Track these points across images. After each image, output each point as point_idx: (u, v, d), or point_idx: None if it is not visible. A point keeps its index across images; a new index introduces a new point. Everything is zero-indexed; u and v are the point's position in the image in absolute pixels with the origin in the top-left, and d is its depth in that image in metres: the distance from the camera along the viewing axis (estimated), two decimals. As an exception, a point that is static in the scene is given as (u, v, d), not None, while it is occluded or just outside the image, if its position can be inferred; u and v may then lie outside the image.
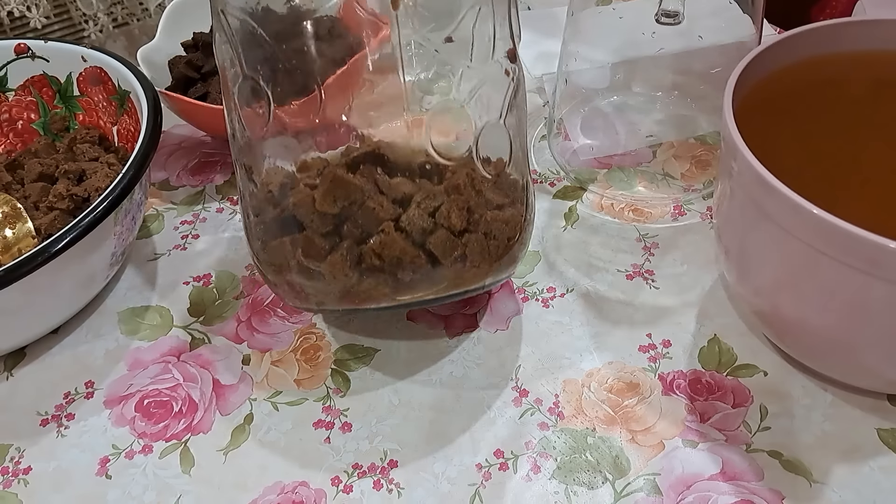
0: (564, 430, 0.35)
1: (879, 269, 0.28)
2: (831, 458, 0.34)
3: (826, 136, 0.35)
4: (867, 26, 0.36)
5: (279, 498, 0.33)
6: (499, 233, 0.34)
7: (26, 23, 1.05)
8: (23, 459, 0.36)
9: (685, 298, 0.41)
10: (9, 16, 1.02)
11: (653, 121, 0.51)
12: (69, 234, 0.36)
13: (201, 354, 0.40)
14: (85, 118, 0.49)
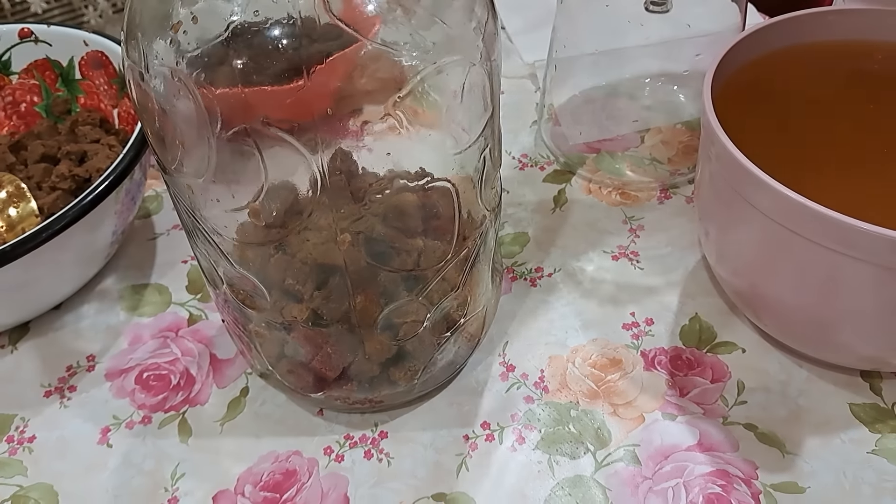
0: (549, 403, 0.37)
1: (850, 248, 0.29)
2: (804, 431, 0.35)
3: (804, 122, 0.36)
4: (844, 15, 0.37)
5: (273, 466, 0.35)
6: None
7: (27, 7, 1.06)
8: (27, 428, 0.37)
9: (668, 279, 0.42)
10: (9, 0, 1.03)
11: (641, 107, 0.52)
12: (71, 212, 0.37)
13: (199, 330, 0.41)
14: (86, 101, 0.50)
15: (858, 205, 0.30)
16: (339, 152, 0.26)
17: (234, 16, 0.24)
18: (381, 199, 0.28)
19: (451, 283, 0.32)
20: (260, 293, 0.30)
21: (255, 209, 0.28)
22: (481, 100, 0.29)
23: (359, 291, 0.30)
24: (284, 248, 0.30)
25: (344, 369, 0.33)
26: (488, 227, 0.33)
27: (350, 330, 0.31)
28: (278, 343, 0.33)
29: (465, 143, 0.29)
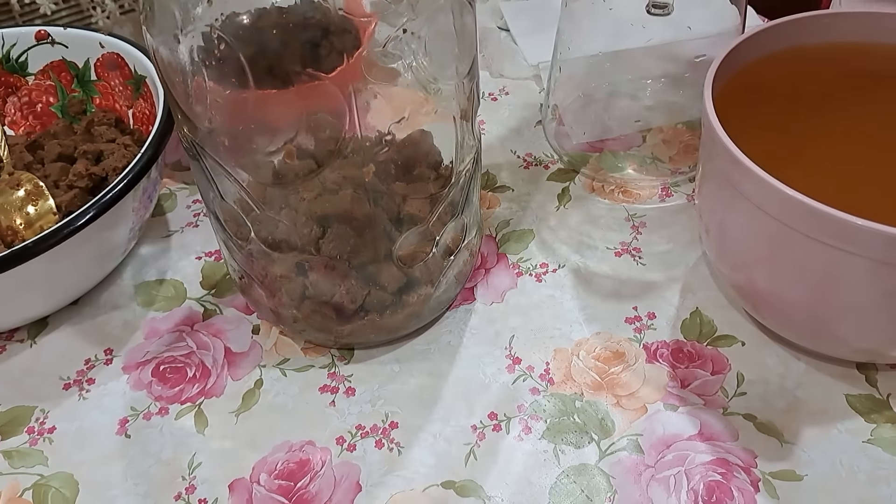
0: (554, 394, 0.38)
1: (847, 244, 0.30)
2: (802, 421, 0.36)
3: (802, 122, 0.37)
4: (840, 18, 0.39)
5: (287, 455, 0.36)
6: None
7: (36, 9, 1.07)
8: (47, 420, 0.38)
9: (670, 274, 0.43)
10: (19, 2, 1.04)
11: (642, 107, 0.53)
12: (91, 210, 0.38)
13: (213, 324, 0.42)
14: (101, 102, 0.51)
15: (855, 201, 0.31)
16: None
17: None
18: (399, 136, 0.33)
19: (454, 208, 0.37)
20: (290, 232, 0.34)
21: (290, 150, 0.31)
22: (473, 39, 0.33)
23: (379, 223, 0.35)
24: (309, 190, 0.34)
25: (363, 302, 0.36)
26: (478, 154, 0.38)
27: (371, 261, 0.35)
28: (300, 287, 0.36)
29: (463, 74, 0.34)
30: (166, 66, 0.30)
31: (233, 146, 0.31)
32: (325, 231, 0.34)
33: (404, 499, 0.34)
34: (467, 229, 0.39)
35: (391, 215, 0.35)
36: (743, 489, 0.34)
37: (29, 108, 0.52)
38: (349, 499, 0.34)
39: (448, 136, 0.35)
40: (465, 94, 0.34)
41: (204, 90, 0.29)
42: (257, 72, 0.28)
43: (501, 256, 0.45)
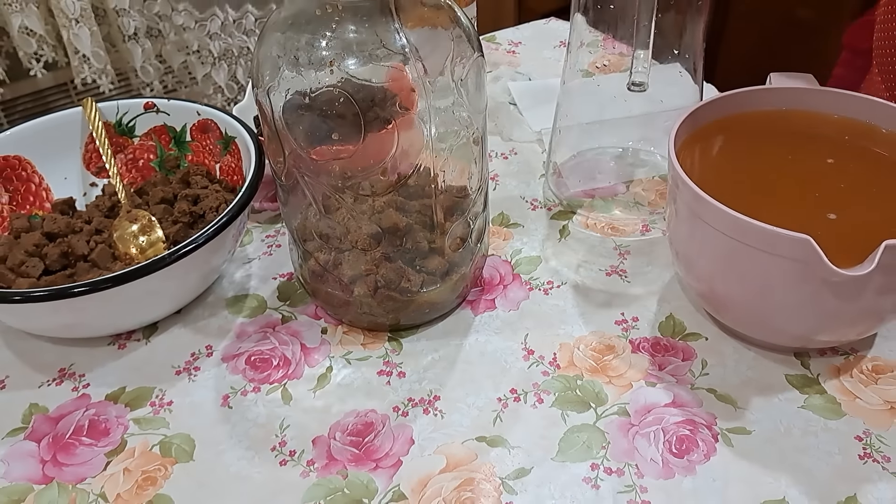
0: (560, 376, 0.49)
1: (775, 249, 0.42)
2: (751, 393, 0.47)
3: (743, 165, 0.50)
4: (772, 92, 0.52)
5: (355, 419, 0.47)
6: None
7: (97, 87, 1.22)
8: (165, 396, 0.49)
9: (649, 289, 0.55)
10: (82, 82, 1.19)
11: (626, 164, 0.66)
12: (200, 238, 0.49)
13: (290, 327, 0.53)
14: (193, 158, 0.63)
15: (784, 220, 0.43)
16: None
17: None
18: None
19: (481, 206, 0.51)
20: (359, 239, 0.47)
21: (385, 168, 0.44)
22: (485, 86, 0.47)
23: (416, 231, 0.48)
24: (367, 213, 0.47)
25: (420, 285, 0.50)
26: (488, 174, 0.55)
27: (421, 255, 0.49)
28: (374, 281, 0.49)
29: (481, 119, 0.48)
30: (287, 117, 0.42)
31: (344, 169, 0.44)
32: (381, 240, 0.47)
33: (447, 449, 0.45)
34: (486, 225, 0.53)
35: (427, 225, 0.48)
36: (706, 440, 0.44)
37: (133, 163, 0.64)
38: (406, 449, 0.45)
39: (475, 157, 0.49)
40: (484, 123, 0.49)
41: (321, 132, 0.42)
42: (367, 122, 0.41)
43: (516, 276, 0.57)
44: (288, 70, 0.42)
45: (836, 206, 0.46)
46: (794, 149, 0.50)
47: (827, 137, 0.50)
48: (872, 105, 0.49)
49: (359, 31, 0.41)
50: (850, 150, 0.49)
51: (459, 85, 0.44)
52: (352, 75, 0.41)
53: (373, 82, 0.42)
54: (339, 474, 0.44)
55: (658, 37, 0.58)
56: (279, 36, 0.42)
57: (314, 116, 0.42)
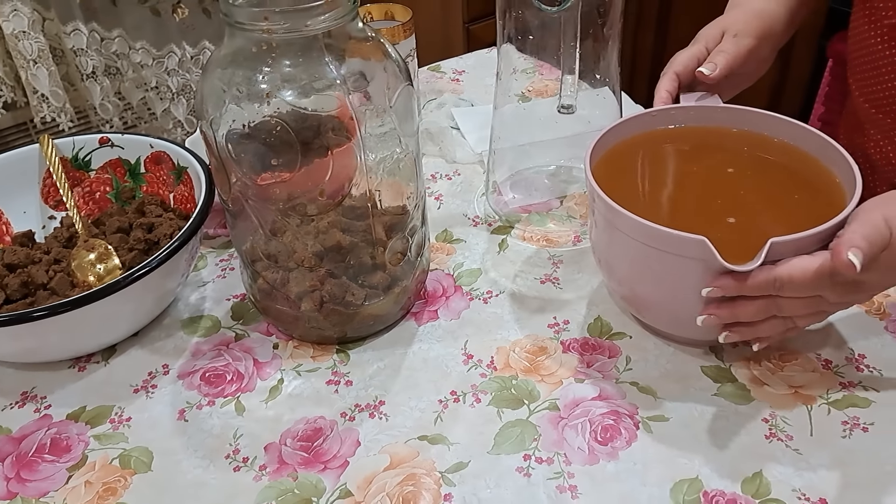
0: (497, 377, 0.52)
1: (681, 250, 0.46)
2: (669, 384, 0.51)
3: (653, 178, 0.54)
4: (681, 110, 0.57)
5: (305, 426, 0.50)
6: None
7: (56, 125, 1.24)
8: (124, 413, 0.51)
9: (579, 294, 0.59)
10: (41, 120, 1.21)
11: (559, 180, 0.71)
12: (153, 262, 0.52)
13: (243, 343, 0.56)
14: (148, 189, 0.67)
15: (690, 225, 0.47)
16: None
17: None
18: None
19: (419, 221, 0.55)
20: (305, 259, 0.51)
21: (323, 190, 0.48)
22: (416, 110, 0.51)
23: (360, 249, 0.52)
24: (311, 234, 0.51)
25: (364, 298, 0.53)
26: (425, 192, 0.59)
27: (363, 272, 0.53)
28: (319, 296, 0.52)
29: (413, 141, 0.52)
30: (230, 147, 0.46)
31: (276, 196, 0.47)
32: (325, 258, 0.50)
33: (391, 448, 0.48)
34: (425, 239, 0.57)
35: (369, 242, 0.52)
36: (628, 428, 0.48)
37: (90, 196, 0.67)
38: (352, 451, 0.48)
39: (410, 177, 0.53)
40: (417, 145, 0.53)
41: (262, 160, 0.45)
42: (302, 148, 0.44)
43: (458, 288, 0.60)
44: (229, 103, 0.45)
45: (735, 210, 0.51)
46: (698, 161, 0.55)
47: (727, 149, 0.55)
48: (764, 117, 0.55)
49: (293, 66, 0.45)
50: (747, 159, 0.54)
51: (391, 111, 0.48)
52: (293, 105, 0.45)
53: (309, 111, 0.46)
54: (289, 476, 0.47)
55: (581, 63, 0.63)
56: (220, 72, 0.46)
57: (254, 145, 0.46)
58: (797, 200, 0.51)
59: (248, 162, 0.47)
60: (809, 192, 0.51)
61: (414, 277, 0.56)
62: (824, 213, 0.45)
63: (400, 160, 0.51)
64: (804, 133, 0.53)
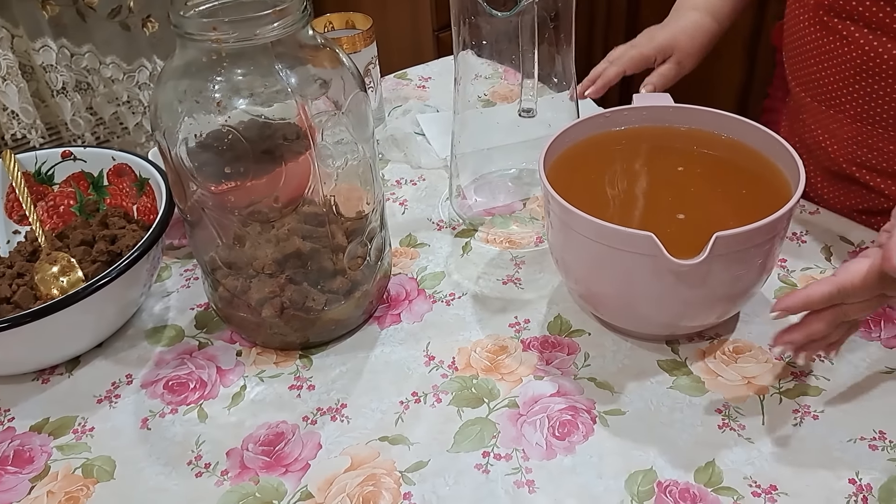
0: (458, 377, 0.53)
1: (631, 247, 0.47)
2: (627, 379, 0.52)
3: (606, 177, 0.56)
4: (634, 111, 0.58)
5: (267, 430, 0.50)
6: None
7: (27, 142, 1.24)
8: (87, 423, 0.52)
9: (540, 293, 0.60)
10: (12, 137, 1.21)
11: (522, 183, 0.72)
12: (114, 272, 0.53)
13: (207, 352, 0.57)
14: (111, 201, 0.67)
15: (642, 222, 0.48)
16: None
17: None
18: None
19: (377, 225, 0.55)
20: (266, 265, 0.51)
21: (277, 197, 0.49)
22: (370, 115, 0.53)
23: (320, 255, 0.52)
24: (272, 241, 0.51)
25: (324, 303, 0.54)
26: (384, 196, 0.60)
27: (324, 277, 0.53)
28: (279, 302, 0.52)
29: (368, 146, 0.52)
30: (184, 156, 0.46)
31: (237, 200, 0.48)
32: (285, 265, 0.51)
33: (352, 450, 0.48)
34: (385, 244, 0.58)
35: (329, 247, 0.52)
36: (585, 423, 0.49)
37: (54, 209, 0.67)
38: (314, 453, 0.48)
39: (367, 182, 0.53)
40: (373, 150, 0.54)
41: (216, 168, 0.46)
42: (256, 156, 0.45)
43: (421, 291, 0.61)
44: (182, 113, 0.46)
45: (685, 207, 0.52)
46: (650, 160, 0.56)
47: (677, 148, 0.56)
48: (712, 115, 0.56)
49: (245, 75, 0.46)
50: (696, 157, 0.56)
51: (345, 118, 0.49)
52: (246, 113, 0.46)
53: (262, 119, 0.47)
54: (251, 481, 0.47)
55: (539, 67, 0.64)
56: (173, 83, 0.47)
57: (208, 155, 0.46)
58: (744, 195, 0.52)
59: (203, 171, 0.47)
60: (756, 186, 0.53)
61: (375, 282, 0.56)
62: (770, 206, 0.46)
63: (356, 166, 0.52)
64: (751, 129, 0.54)
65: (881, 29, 0.60)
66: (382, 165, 0.78)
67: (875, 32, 0.61)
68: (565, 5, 0.60)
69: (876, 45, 0.61)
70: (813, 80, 0.66)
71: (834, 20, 0.63)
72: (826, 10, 0.63)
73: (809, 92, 0.66)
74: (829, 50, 0.64)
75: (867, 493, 0.44)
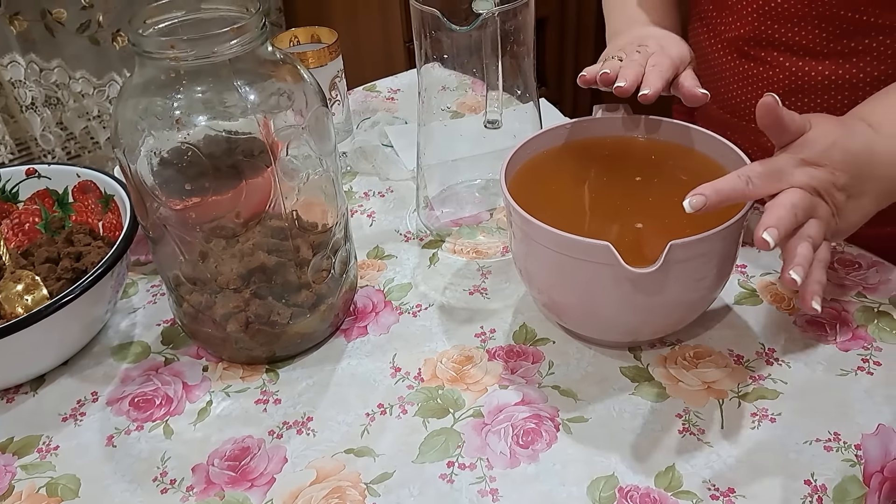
0: (424, 388, 0.54)
1: (590, 256, 0.48)
2: (590, 386, 0.53)
3: (567, 188, 0.57)
4: (594, 122, 0.59)
5: (233, 446, 0.50)
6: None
7: (-6, 158, 1.23)
8: (52, 442, 0.51)
9: (506, 303, 0.61)
10: (-21, 153, 1.20)
11: (489, 193, 0.73)
12: (77, 290, 0.53)
13: (173, 368, 0.57)
14: (77, 218, 0.67)
15: (600, 232, 0.49)
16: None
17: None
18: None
19: (341, 238, 0.55)
20: (230, 281, 0.51)
21: (239, 212, 0.49)
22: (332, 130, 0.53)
23: (285, 268, 0.52)
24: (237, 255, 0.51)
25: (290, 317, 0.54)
26: (348, 209, 0.59)
27: (288, 291, 0.53)
28: (244, 317, 0.52)
29: (331, 160, 0.53)
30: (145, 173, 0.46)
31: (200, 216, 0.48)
32: (250, 279, 0.51)
33: (318, 463, 0.49)
34: (350, 257, 0.58)
35: (295, 261, 0.53)
36: (549, 430, 0.50)
37: (19, 227, 0.67)
38: (279, 467, 0.49)
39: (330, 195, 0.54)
40: (336, 164, 0.54)
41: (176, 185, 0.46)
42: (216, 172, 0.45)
43: (388, 303, 0.62)
44: (142, 130, 0.46)
45: (643, 216, 0.53)
46: (609, 170, 0.57)
47: (636, 158, 0.58)
48: (669, 126, 0.57)
49: (204, 92, 0.46)
50: (654, 167, 0.57)
51: (306, 132, 0.50)
52: (208, 129, 0.46)
53: (222, 135, 0.47)
54: (216, 496, 0.47)
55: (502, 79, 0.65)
56: (133, 100, 0.47)
57: (168, 172, 0.47)
58: (701, 204, 0.53)
59: (163, 188, 0.48)
60: (712, 195, 0.54)
61: (341, 294, 0.57)
62: (727, 213, 0.48)
63: (319, 180, 0.52)
64: (706, 138, 0.56)
65: (806, 51, 0.62)
66: (351, 178, 0.79)
67: (799, 54, 0.63)
68: (525, 18, 0.61)
69: (802, 65, 0.63)
70: (735, 103, 0.69)
71: (755, 49, 0.65)
72: (746, 41, 0.65)
73: (734, 113, 0.69)
74: (752, 75, 0.67)
75: (822, 494, 0.45)
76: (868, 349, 0.54)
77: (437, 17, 0.58)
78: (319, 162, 0.52)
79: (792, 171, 0.48)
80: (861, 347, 0.54)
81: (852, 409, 0.50)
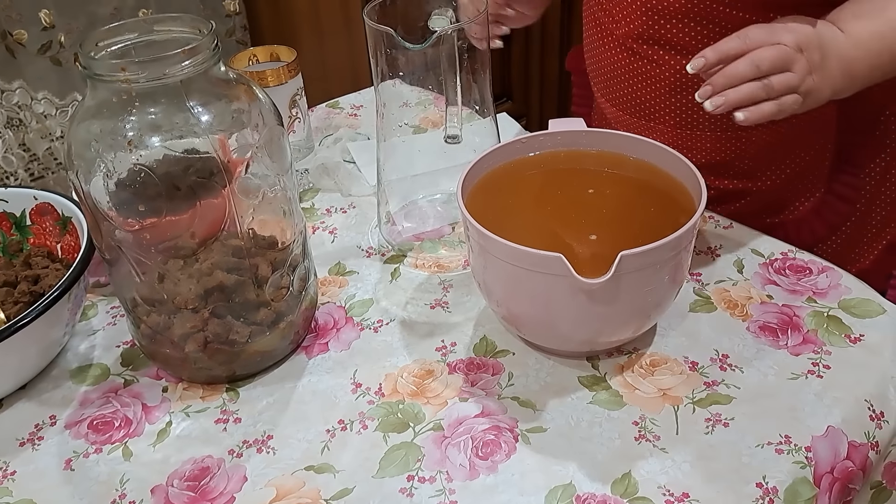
0: (384, 403, 0.54)
1: (543, 268, 0.49)
2: (549, 396, 0.53)
3: (522, 202, 0.57)
4: (548, 136, 0.60)
5: (192, 465, 0.50)
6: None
7: (-45, 181, 1.21)
8: (8, 467, 0.51)
9: (467, 316, 0.61)
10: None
11: (451, 207, 0.73)
12: (34, 312, 0.52)
13: (132, 389, 0.56)
14: (35, 241, 0.66)
15: (556, 245, 0.50)
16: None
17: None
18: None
19: (300, 255, 0.56)
20: (188, 300, 0.51)
21: (193, 232, 0.49)
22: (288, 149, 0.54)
23: (243, 287, 0.52)
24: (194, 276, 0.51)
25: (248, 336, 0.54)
26: (306, 226, 0.59)
27: (247, 309, 0.53)
28: (202, 337, 0.52)
29: (287, 177, 0.54)
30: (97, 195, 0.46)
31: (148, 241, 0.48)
32: (208, 299, 0.51)
33: (278, 481, 0.49)
34: (308, 273, 0.58)
35: (254, 279, 0.53)
36: (507, 441, 0.50)
37: (-25, 250, 0.66)
38: (239, 486, 0.49)
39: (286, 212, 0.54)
40: (293, 182, 0.55)
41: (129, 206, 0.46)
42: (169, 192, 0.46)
43: (349, 319, 0.62)
44: (95, 153, 0.46)
45: (597, 228, 0.54)
46: (563, 183, 0.58)
47: (589, 171, 0.59)
48: (621, 138, 0.58)
49: (157, 113, 0.47)
50: (606, 179, 0.58)
51: (261, 151, 0.50)
52: (163, 150, 0.47)
53: (175, 156, 0.47)
54: (175, 517, 0.47)
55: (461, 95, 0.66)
56: (86, 123, 0.47)
57: (122, 193, 0.47)
58: (653, 213, 0.55)
59: (118, 210, 0.48)
60: (663, 204, 0.55)
61: (300, 311, 0.57)
62: (677, 223, 0.49)
63: (275, 198, 0.52)
64: (657, 150, 0.57)
65: (689, 50, 0.65)
66: (313, 194, 0.79)
67: (683, 53, 0.65)
68: (480, 35, 0.63)
69: (686, 64, 0.65)
70: (628, 99, 0.72)
71: (643, 47, 0.68)
72: (635, 38, 0.68)
73: (626, 109, 0.73)
74: (642, 73, 0.70)
75: (773, 496, 0.46)
76: (818, 353, 0.55)
77: (392, 36, 0.58)
78: (275, 180, 0.52)
79: (781, 33, 0.53)
80: (811, 351, 0.55)
81: (803, 412, 0.51)
